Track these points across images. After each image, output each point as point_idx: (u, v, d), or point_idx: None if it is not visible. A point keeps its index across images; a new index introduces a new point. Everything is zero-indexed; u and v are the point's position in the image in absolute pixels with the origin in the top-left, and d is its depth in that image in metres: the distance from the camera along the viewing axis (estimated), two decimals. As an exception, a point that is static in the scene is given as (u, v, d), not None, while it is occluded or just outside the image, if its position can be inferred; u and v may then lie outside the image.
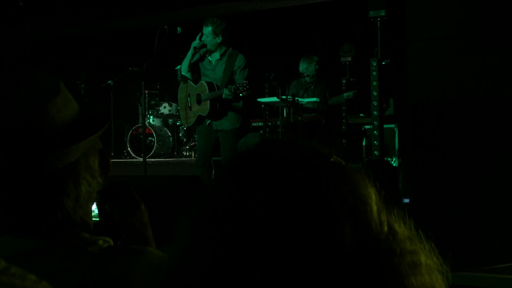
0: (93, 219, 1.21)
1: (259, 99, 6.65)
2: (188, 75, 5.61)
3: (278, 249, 0.60)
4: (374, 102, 5.11)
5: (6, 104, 1.01)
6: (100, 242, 1.07)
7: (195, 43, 5.50)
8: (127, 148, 7.79)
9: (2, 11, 8.04)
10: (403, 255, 0.63)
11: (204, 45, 5.50)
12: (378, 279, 0.61)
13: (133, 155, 7.68)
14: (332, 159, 0.67)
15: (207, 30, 5.39)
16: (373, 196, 0.65)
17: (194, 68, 5.67)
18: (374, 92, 5.11)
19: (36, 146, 1.00)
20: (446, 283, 0.67)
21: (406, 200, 4.01)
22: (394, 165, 5.79)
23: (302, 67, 6.85)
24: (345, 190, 0.64)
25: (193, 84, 5.70)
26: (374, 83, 5.12)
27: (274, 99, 6.46)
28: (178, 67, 5.72)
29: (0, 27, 8.37)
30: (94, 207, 1.23)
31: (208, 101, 5.47)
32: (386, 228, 0.64)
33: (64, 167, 1.03)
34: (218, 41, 5.43)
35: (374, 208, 0.64)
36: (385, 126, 5.43)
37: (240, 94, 5.22)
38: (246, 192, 0.63)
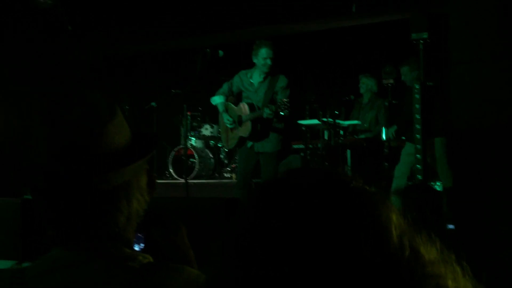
0: (140, 245, 1.26)
1: (300, 121, 6.64)
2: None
3: (298, 274, 0.62)
4: (417, 125, 5.04)
5: (62, 122, 1.06)
6: (140, 257, 1.11)
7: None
8: (169, 169, 7.88)
9: (52, 34, 8.32)
10: (426, 278, 0.63)
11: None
12: None
13: (175, 176, 7.76)
14: (352, 185, 0.69)
15: (267, 51, 5.38)
16: (393, 220, 0.66)
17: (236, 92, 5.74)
18: (416, 115, 5.04)
19: (94, 163, 1.06)
20: None
21: (451, 226, 3.91)
22: (438, 189, 5.67)
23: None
24: (364, 215, 0.65)
25: (234, 106, 5.73)
26: (417, 106, 5.06)
27: (315, 121, 6.45)
28: (216, 101, 5.78)
29: (50, 49, 8.64)
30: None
31: (250, 122, 5.49)
32: (407, 252, 0.64)
33: (119, 186, 1.09)
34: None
35: (394, 232, 0.65)
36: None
37: (281, 113, 5.20)
38: (267, 221, 0.66)
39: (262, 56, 5.40)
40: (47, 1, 7.78)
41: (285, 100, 5.19)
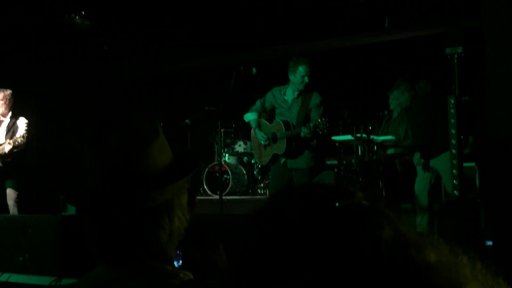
0: (178, 262, 1.29)
1: (333, 137, 6.62)
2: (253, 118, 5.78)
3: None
4: (453, 140, 4.98)
5: (107, 143, 1.10)
6: (181, 275, 1.14)
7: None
8: (203, 185, 7.93)
9: (89, 54, 8.52)
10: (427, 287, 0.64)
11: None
12: None
13: (209, 192, 7.81)
14: (340, 204, 0.70)
15: (305, 68, 5.40)
16: (384, 235, 0.66)
17: (269, 109, 5.77)
18: (452, 130, 4.98)
19: (138, 182, 1.10)
20: None
21: (489, 243, 3.84)
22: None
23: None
24: (357, 231, 0.66)
25: (267, 123, 5.75)
26: (452, 120, 5.00)
27: (349, 137, 6.42)
28: (249, 118, 5.82)
29: (87, 69, 8.85)
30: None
31: (285, 139, 5.50)
32: (401, 266, 0.65)
33: (161, 204, 1.12)
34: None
35: (383, 249, 0.65)
36: (464, 164, 5.26)
37: (320, 132, 5.20)
38: (265, 242, 0.70)
39: (300, 74, 5.41)
40: (84, 22, 7.98)
41: (324, 119, 5.17)
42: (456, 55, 5.11)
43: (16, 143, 5.98)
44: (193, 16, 7.69)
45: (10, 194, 6.18)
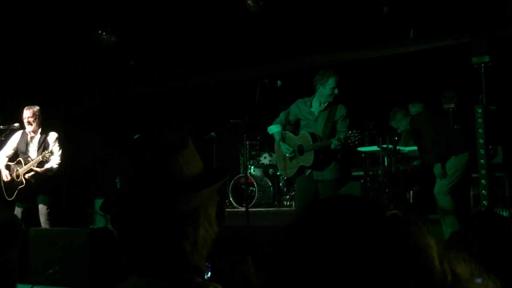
0: (207, 274, 1.30)
1: (359, 148, 6.59)
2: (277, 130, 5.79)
3: None
4: (481, 150, 4.93)
5: (137, 152, 1.13)
6: (211, 287, 1.13)
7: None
8: (229, 198, 7.96)
9: (115, 69, 8.65)
10: None
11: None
12: None
13: (235, 204, 7.83)
14: (388, 214, 0.69)
15: (335, 80, 5.38)
16: (432, 245, 0.66)
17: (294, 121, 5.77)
18: (480, 139, 4.94)
19: (163, 190, 1.11)
20: None
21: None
22: (504, 215, 5.49)
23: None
24: (402, 243, 0.65)
25: (293, 136, 5.74)
26: (480, 130, 4.95)
27: (375, 148, 6.38)
28: (272, 131, 5.84)
29: (113, 84, 8.98)
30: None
31: (312, 151, 5.47)
32: (450, 276, 0.65)
33: (186, 212, 1.13)
34: None
35: (435, 257, 0.65)
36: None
37: (351, 144, 5.18)
38: (307, 251, 0.69)
39: (330, 86, 5.39)
40: (111, 38, 8.12)
41: (355, 131, 5.14)
42: (483, 64, 5.07)
43: (44, 158, 6.12)
44: (218, 29, 7.76)
45: (42, 209, 6.29)
